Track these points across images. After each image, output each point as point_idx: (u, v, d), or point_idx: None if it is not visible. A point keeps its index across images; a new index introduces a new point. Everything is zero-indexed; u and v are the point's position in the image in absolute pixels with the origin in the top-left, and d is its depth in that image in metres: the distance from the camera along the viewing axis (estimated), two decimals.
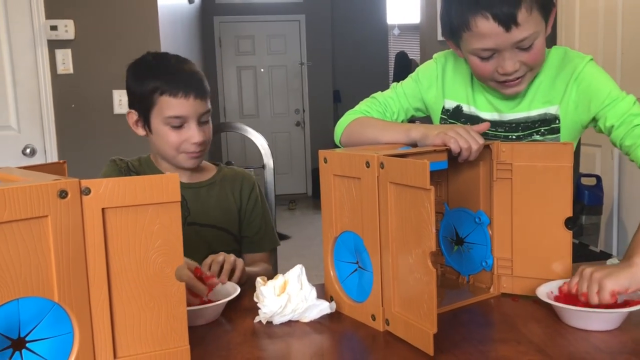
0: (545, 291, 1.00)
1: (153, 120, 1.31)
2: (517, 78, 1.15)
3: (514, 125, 1.24)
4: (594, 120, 1.19)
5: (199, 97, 1.29)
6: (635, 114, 1.12)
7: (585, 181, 2.89)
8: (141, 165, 1.42)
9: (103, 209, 0.74)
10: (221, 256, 1.17)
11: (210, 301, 1.04)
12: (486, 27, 1.07)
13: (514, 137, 1.24)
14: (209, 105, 1.34)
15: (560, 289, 0.99)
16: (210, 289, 1.07)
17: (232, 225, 1.43)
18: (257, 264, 1.43)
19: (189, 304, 0.94)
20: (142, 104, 1.31)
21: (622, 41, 2.82)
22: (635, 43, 2.72)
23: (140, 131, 1.35)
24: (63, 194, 0.71)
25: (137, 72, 1.33)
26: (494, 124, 1.25)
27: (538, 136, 1.22)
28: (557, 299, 0.98)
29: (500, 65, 1.12)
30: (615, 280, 0.92)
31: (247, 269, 1.25)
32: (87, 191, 0.73)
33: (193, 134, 1.29)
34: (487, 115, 1.27)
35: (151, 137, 1.34)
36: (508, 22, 1.06)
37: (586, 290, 0.93)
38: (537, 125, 1.22)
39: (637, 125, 1.11)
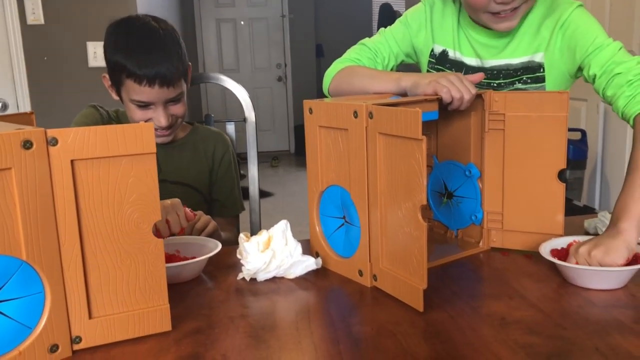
0: (548, 249, 0.95)
1: (123, 94, 1.27)
2: (513, 9, 1.10)
3: (495, 72, 1.21)
4: (579, 69, 1.15)
5: (166, 84, 1.22)
6: (617, 62, 1.06)
7: (570, 135, 2.87)
8: (118, 118, 1.38)
9: (72, 161, 0.69)
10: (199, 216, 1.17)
11: (190, 257, 1.00)
12: None
13: (495, 84, 1.21)
14: (182, 88, 1.27)
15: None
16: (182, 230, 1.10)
17: (202, 185, 1.41)
18: (229, 230, 1.43)
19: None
20: (112, 76, 1.27)
21: None
22: None
23: (115, 96, 1.31)
24: (27, 145, 0.66)
25: (111, 41, 1.26)
26: (475, 70, 1.22)
27: (520, 84, 1.19)
28: (560, 252, 0.95)
29: None
30: (614, 255, 0.87)
31: (223, 234, 1.26)
32: (54, 141, 0.68)
33: (157, 118, 1.26)
34: (470, 60, 1.24)
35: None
36: None
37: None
38: (519, 73, 1.19)
39: (619, 74, 1.05)
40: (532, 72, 1.18)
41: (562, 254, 0.95)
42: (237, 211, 1.48)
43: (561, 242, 0.98)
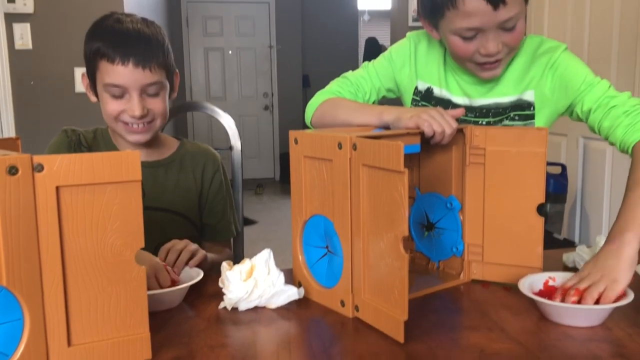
0: (527, 284, 0.95)
1: (97, 85, 1.21)
2: (497, 60, 1.13)
3: (484, 111, 1.23)
4: (570, 107, 1.18)
5: (141, 65, 1.15)
6: (611, 96, 1.12)
7: (550, 170, 2.93)
8: (95, 139, 1.32)
9: (57, 187, 0.69)
10: (181, 244, 1.10)
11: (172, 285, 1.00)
12: (474, 5, 1.04)
13: (484, 122, 1.22)
14: (160, 77, 1.20)
15: (544, 283, 0.97)
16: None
17: (190, 211, 1.34)
18: (218, 251, 1.36)
19: (149, 289, 0.91)
20: (88, 67, 1.21)
21: (590, 31, 2.85)
22: (603, 33, 2.74)
23: (92, 97, 1.25)
24: (13, 170, 0.66)
25: (89, 31, 1.21)
26: (464, 109, 1.22)
27: (508, 121, 1.21)
28: (539, 293, 0.94)
29: (482, 45, 1.10)
30: (622, 282, 0.89)
31: (210, 255, 1.19)
32: (39, 168, 0.68)
33: (131, 107, 1.17)
34: (458, 99, 1.25)
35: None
36: (497, 0, 1.03)
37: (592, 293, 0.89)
38: (507, 111, 1.21)
39: (614, 106, 1.10)
40: (521, 110, 1.20)
41: (542, 294, 0.94)
42: (230, 235, 1.41)
43: (539, 279, 0.98)
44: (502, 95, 1.22)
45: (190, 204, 1.35)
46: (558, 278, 0.97)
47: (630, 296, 0.88)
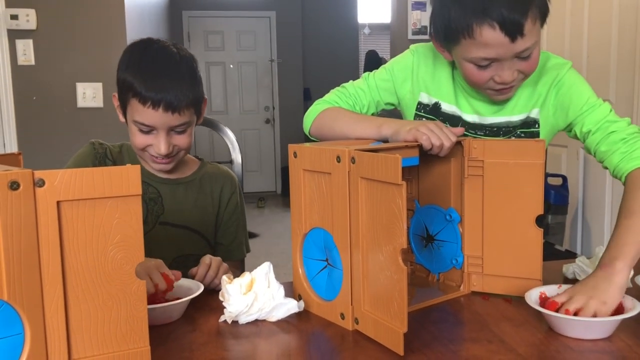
0: (535, 297, 0.95)
1: (127, 115, 1.24)
2: (512, 86, 1.12)
3: (495, 129, 1.21)
4: (569, 126, 1.18)
5: (171, 110, 1.18)
6: (611, 121, 1.11)
7: (551, 181, 2.93)
8: (121, 153, 1.34)
9: (58, 202, 0.70)
10: (217, 261, 1.15)
11: (172, 299, 1.00)
12: (491, 37, 1.03)
13: None
14: (189, 118, 1.22)
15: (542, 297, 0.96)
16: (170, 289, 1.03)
17: (206, 229, 1.37)
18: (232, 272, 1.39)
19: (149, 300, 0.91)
20: (120, 95, 1.24)
21: (588, 45, 2.87)
22: (601, 47, 2.76)
23: (121, 118, 1.27)
24: (14, 186, 0.67)
25: (124, 58, 1.23)
26: (474, 126, 1.22)
27: (515, 139, 1.20)
28: (542, 304, 0.94)
29: (498, 74, 1.09)
30: (611, 304, 0.90)
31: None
32: (41, 183, 0.69)
33: (158, 144, 1.21)
34: (468, 117, 1.23)
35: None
36: (515, 32, 1.02)
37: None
38: (516, 129, 1.20)
39: (613, 132, 1.10)
40: (527, 127, 1.19)
41: (552, 305, 0.93)
42: (242, 255, 1.44)
43: (545, 290, 0.98)
44: (513, 113, 1.20)
45: (207, 222, 1.37)
46: (548, 292, 0.97)
47: (638, 307, 0.88)
